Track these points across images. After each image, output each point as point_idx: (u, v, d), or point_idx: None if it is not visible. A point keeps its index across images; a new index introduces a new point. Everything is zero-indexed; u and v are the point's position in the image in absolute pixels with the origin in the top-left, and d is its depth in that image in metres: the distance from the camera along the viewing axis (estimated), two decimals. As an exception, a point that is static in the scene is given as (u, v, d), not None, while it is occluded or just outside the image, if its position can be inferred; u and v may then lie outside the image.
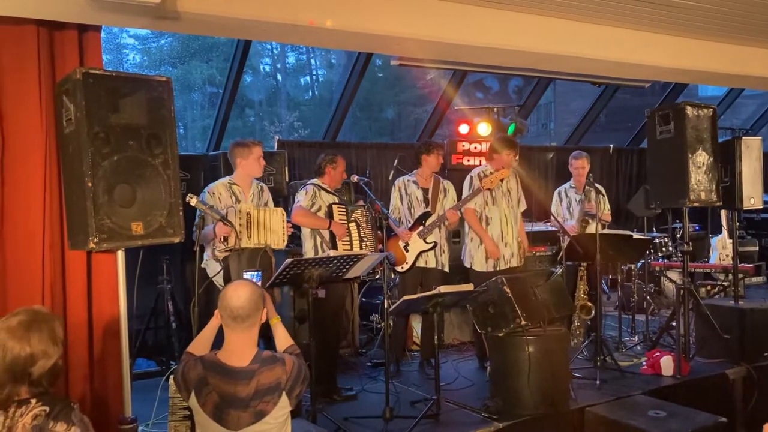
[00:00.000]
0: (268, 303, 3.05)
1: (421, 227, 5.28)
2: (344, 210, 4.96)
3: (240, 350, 2.71)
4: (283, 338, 3.05)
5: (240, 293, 2.72)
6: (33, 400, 2.19)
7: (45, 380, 2.22)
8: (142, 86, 3.46)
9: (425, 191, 5.40)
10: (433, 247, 5.28)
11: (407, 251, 5.28)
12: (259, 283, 3.05)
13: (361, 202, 5.23)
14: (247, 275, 3.05)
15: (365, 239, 5.00)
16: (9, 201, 3.56)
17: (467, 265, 5.45)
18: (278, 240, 4.41)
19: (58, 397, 2.25)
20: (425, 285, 5.26)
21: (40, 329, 2.24)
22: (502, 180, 5.31)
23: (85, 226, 3.26)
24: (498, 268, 5.29)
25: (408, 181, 5.45)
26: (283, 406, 2.67)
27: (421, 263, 5.30)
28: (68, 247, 3.62)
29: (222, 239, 4.22)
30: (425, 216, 5.31)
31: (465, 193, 5.38)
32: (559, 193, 6.32)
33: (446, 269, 5.41)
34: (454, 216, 5.26)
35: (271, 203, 4.74)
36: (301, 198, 4.92)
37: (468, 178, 5.43)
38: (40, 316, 2.32)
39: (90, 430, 2.37)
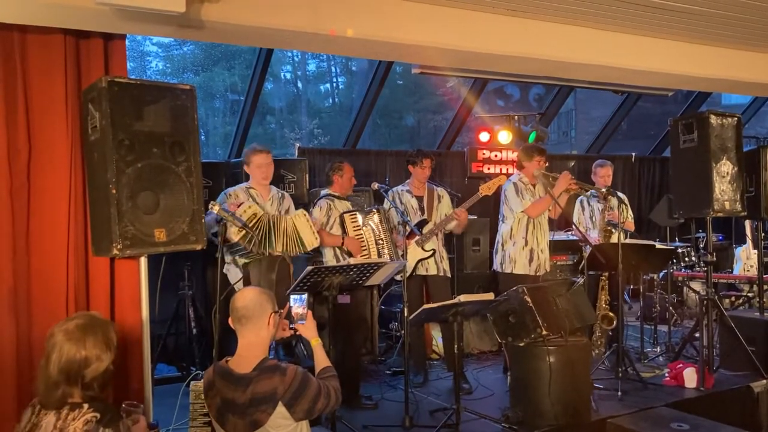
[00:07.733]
0: (310, 324, 3.04)
1: (419, 235, 5.22)
2: (356, 217, 4.97)
3: (246, 356, 2.73)
4: (320, 361, 2.99)
5: (246, 294, 2.78)
6: (85, 406, 2.24)
7: (97, 384, 2.28)
8: (166, 94, 3.49)
9: (419, 199, 5.37)
10: (432, 255, 5.24)
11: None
12: (304, 306, 3.06)
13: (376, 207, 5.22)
14: (294, 297, 3.07)
15: (380, 242, 4.98)
16: (35, 207, 3.61)
17: (507, 270, 5.31)
18: (310, 239, 4.44)
19: (110, 406, 2.30)
20: (431, 293, 5.27)
21: (96, 333, 2.30)
22: (529, 185, 5.36)
23: (109, 232, 3.29)
24: (538, 273, 5.33)
25: (402, 191, 5.41)
26: (282, 417, 2.62)
27: (421, 271, 5.26)
28: (92, 254, 3.66)
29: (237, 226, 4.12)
30: (422, 224, 5.28)
31: (511, 201, 5.33)
32: (581, 202, 6.24)
33: (448, 275, 5.39)
34: (463, 214, 5.19)
35: (292, 210, 4.74)
36: (316, 215, 4.94)
37: (508, 188, 5.37)
38: (96, 321, 2.40)
39: None
